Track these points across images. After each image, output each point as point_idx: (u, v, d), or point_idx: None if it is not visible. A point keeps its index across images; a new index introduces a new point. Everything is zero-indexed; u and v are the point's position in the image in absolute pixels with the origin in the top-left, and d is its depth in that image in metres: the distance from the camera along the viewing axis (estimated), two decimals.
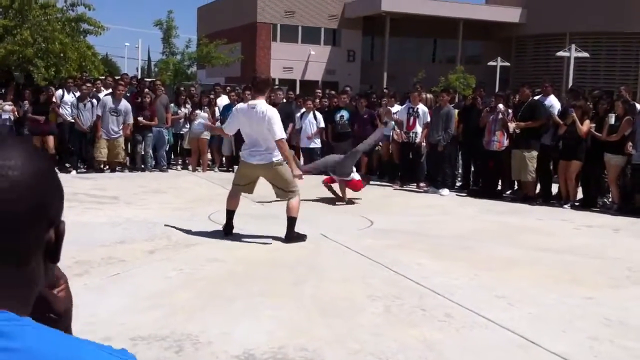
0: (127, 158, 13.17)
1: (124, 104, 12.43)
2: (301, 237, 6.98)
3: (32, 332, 0.82)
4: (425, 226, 8.31)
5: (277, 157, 6.91)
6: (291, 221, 6.99)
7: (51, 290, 0.97)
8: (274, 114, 6.92)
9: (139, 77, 21.17)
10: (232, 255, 6.27)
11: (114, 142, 12.40)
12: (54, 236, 0.89)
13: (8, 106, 12.37)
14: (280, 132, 6.93)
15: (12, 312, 0.82)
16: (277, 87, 18.60)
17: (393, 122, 12.32)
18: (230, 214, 7.21)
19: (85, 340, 0.87)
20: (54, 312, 0.97)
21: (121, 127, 12.43)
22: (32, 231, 0.85)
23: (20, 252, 0.84)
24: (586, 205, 10.16)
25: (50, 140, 12.44)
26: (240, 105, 7.53)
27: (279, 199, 7.43)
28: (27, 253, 0.85)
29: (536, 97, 11.06)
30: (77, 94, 12.91)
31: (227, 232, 7.16)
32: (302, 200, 7.19)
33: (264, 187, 7.34)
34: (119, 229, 7.33)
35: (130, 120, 12.49)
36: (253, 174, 7.14)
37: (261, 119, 6.82)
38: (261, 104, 6.94)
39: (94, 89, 13.19)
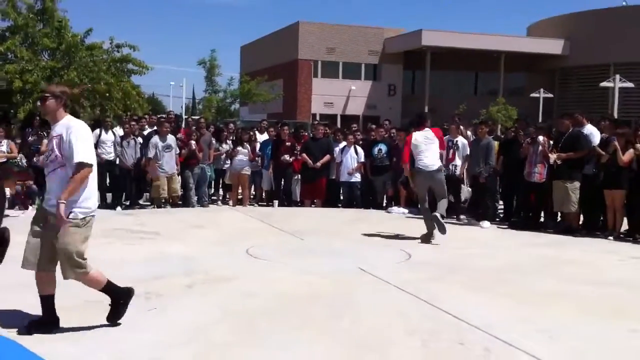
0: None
1: (171, 138, 12.61)
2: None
3: None
4: (465, 259, 8.19)
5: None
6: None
7: None
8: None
9: (184, 114, 21.52)
10: (269, 290, 6.25)
11: (172, 177, 12.56)
12: None
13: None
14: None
15: None
16: (316, 122, 18.75)
17: None
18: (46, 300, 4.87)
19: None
20: None
21: (175, 161, 12.54)
22: None
23: None
24: (631, 236, 9.91)
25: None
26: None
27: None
28: None
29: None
30: (120, 132, 13.19)
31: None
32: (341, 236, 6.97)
33: (307, 220, 7.32)
34: (158, 264, 7.39)
35: (178, 151, 12.67)
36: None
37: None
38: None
39: (138, 127, 13.43)
